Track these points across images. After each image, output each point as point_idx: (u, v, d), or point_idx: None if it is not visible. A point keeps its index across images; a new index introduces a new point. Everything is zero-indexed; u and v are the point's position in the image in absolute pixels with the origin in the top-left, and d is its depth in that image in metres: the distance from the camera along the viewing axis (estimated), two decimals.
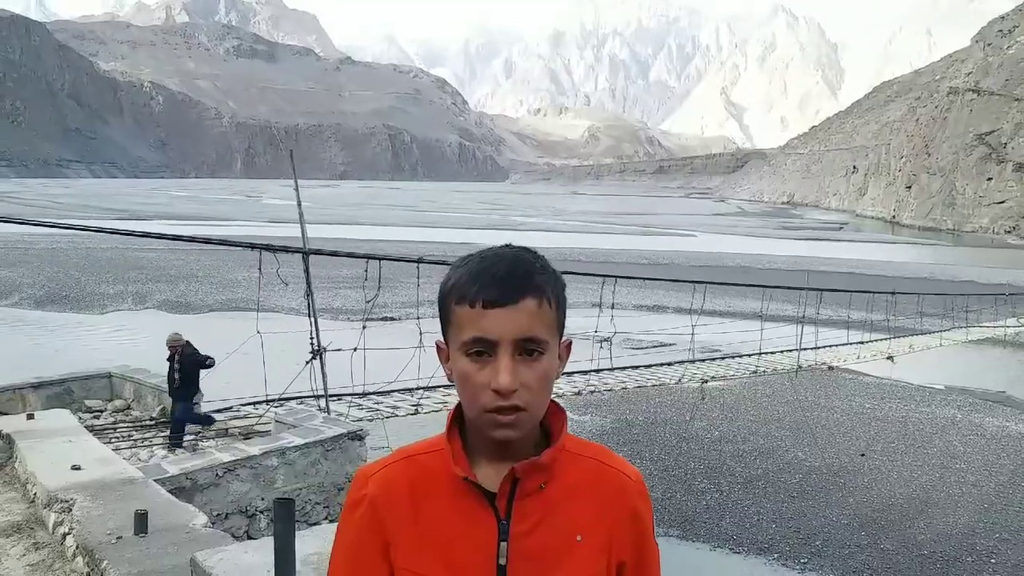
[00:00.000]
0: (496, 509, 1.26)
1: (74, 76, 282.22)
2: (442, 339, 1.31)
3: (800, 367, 15.80)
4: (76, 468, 5.91)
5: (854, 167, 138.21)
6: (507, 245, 1.29)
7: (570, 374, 13.61)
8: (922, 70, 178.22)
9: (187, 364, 9.83)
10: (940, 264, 50.00)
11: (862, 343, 18.96)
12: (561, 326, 1.28)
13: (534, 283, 1.23)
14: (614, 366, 14.11)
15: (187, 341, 10.05)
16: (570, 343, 1.33)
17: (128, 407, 11.23)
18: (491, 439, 1.25)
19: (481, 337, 1.20)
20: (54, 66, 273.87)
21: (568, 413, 1.40)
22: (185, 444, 9.48)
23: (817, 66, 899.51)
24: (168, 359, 9.97)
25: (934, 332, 21.41)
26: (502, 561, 1.24)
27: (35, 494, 5.70)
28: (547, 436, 1.31)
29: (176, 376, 9.83)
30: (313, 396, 10.07)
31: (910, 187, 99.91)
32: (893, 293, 19.92)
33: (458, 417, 1.32)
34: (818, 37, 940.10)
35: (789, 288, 19.49)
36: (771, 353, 16.79)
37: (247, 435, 9.35)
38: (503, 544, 1.24)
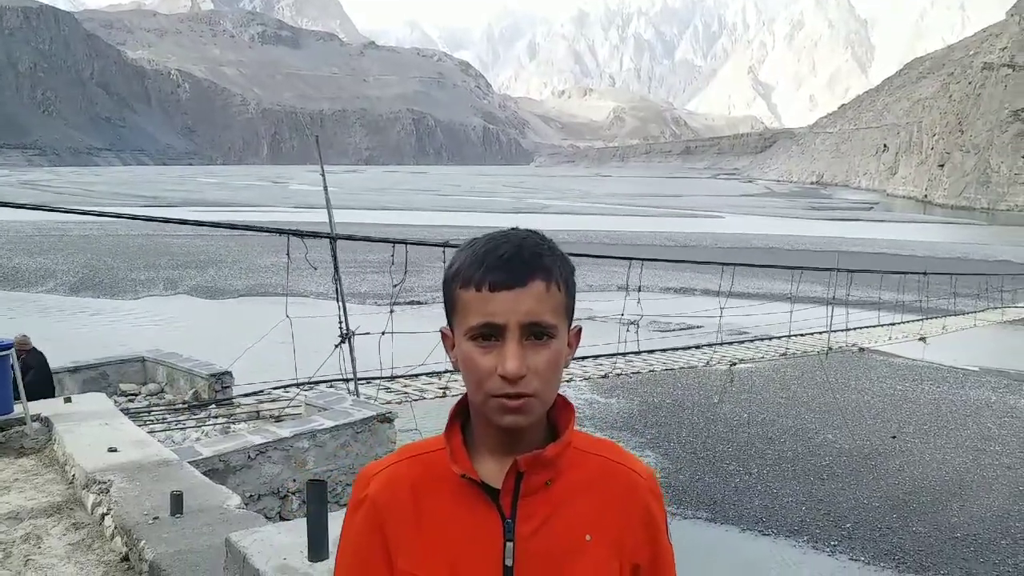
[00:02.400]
0: (500, 507, 1.20)
1: (103, 65, 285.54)
2: (447, 326, 1.24)
3: (830, 349, 15.62)
4: (113, 450, 6.02)
5: (885, 146, 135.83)
6: (514, 228, 1.23)
7: (596, 357, 13.58)
8: (955, 45, 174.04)
9: (31, 368, 9.28)
10: (974, 244, 49.10)
11: (893, 324, 18.69)
12: (570, 311, 1.22)
13: (542, 264, 1.17)
14: (641, 349, 14.05)
15: (34, 347, 9.57)
16: (580, 330, 1.26)
17: (162, 391, 11.40)
18: (498, 428, 1.19)
19: (488, 322, 1.15)
20: (83, 56, 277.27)
21: (595, 396, 1.37)
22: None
23: (846, 43, 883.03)
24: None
25: (968, 313, 21.05)
26: (508, 562, 1.18)
27: (74, 475, 5.82)
28: (554, 432, 1.25)
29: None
30: (342, 379, 10.15)
31: (943, 165, 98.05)
32: (925, 273, 19.60)
33: (461, 412, 1.27)
34: (847, 14, 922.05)
35: (819, 269, 19.26)
36: (800, 335, 16.61)
37: (278, 418, 9.45)
38: (509, 544, 1.18)
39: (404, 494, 1.23)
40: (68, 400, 7.84)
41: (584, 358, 13.41)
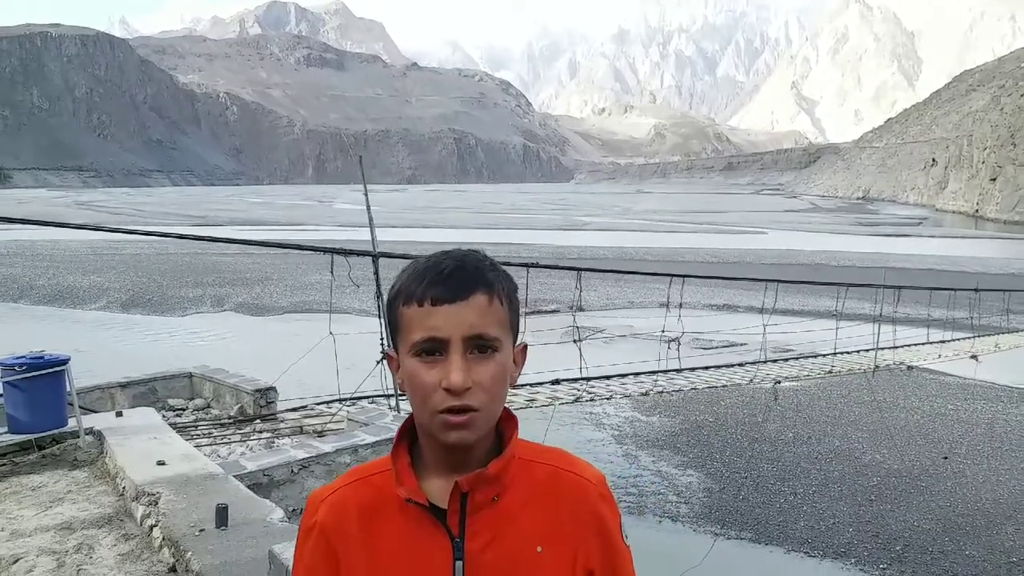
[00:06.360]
0: (448, 527, 1.19)
1: (155, 90, 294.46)
2: (391, 348, 1.25)
3: (877, 367, 15.29)
4: (161, 464, 6.17)
5: (933, 160, 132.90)
6: (455, 248, 1.24)
7: (637, 374, 13.49)
8: (1006, 57, 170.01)
9: None
10: None
11: (944, 342, 18.23)
12: (515, 326, 1.22)
13: (484, 279, 1.18)
14: (683, 366, 13.91)
15: None
16: (525, 347, 1.27)
17: (208, 406, 11.63)
18: (443, 446, 1.19)
19: (431, 336, 1.15)
20: (137, 81, 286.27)
21: (636, 414, 1.38)
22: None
23: (893, 56, 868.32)
24: None
25: (1022, 330, 20.45)
26: None
27: (124, 488, 5.97)
28: (502, 443, 1.24)
29: None
30: (383, 395, 10.26)
31: (995, 179, 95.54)
32: (976, 289, 19.11)
33: (407, 433, 1.26)
34: (894, 27, 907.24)
35: (865, 286, 18.90)
36: (847, 353, 16.29)
37: (321, 433, 9.58)
38: (458, 563, 1.18)
39: (352, 518, 1.23)
40: (119, 414, 8.06)
41: (624, 375, 13.33)
